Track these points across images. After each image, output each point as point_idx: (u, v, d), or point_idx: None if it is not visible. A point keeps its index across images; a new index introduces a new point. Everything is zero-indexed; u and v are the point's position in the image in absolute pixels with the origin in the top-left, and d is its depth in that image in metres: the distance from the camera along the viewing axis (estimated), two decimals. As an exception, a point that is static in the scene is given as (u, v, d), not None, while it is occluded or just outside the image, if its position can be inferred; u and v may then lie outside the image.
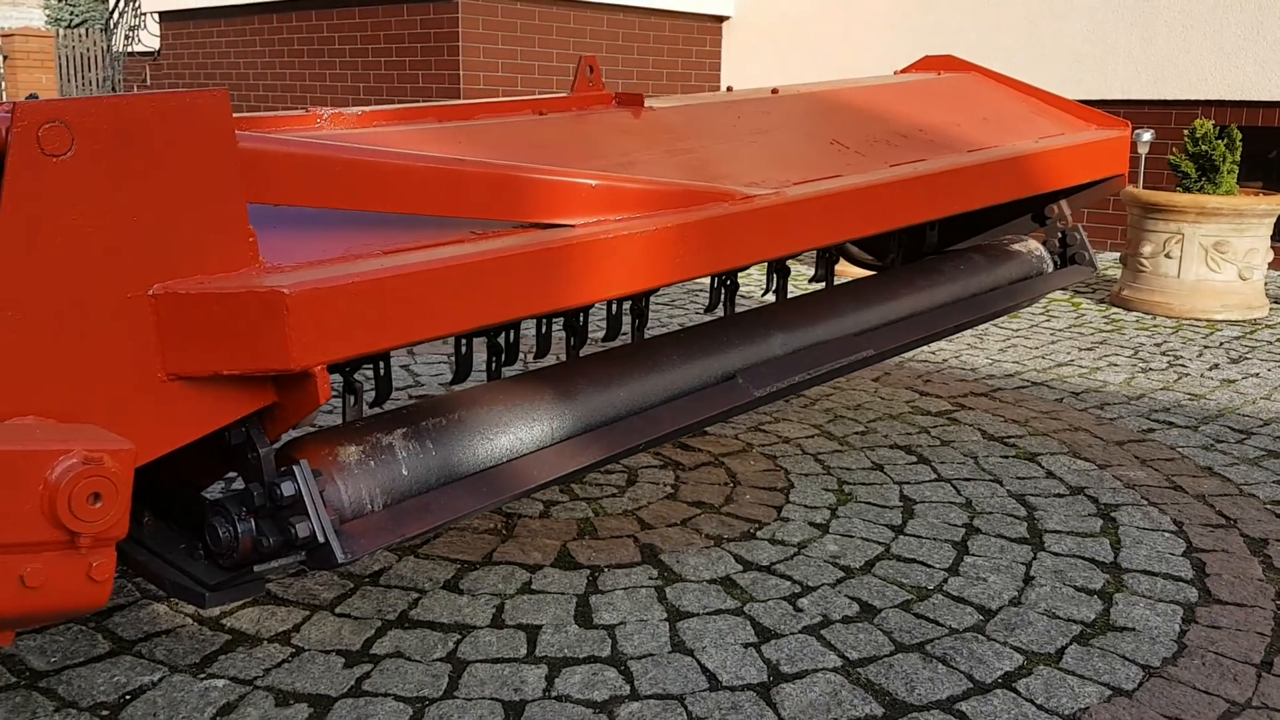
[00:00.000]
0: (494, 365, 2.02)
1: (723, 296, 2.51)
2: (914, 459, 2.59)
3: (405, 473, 1.50)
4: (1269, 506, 2.33)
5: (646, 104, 2.16)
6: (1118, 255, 5.36)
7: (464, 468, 1.57)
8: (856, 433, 2.79)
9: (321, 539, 1.33)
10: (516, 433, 1.65)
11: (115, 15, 12.05)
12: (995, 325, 4.16)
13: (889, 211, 2.04)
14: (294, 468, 1.34)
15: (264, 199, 1.31)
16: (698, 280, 4.49)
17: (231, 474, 1.77)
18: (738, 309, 2.40)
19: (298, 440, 1.47)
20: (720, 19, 8.57)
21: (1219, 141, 4.51)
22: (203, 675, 1.61)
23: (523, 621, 1.78)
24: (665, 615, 1.80)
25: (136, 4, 11.48)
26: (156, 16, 10.13)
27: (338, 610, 1.80)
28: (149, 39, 10.88)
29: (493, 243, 1.44)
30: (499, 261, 1.40)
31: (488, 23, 7.35)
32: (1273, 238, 4.56)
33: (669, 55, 8.44)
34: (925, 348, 3.76)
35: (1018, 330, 4.09)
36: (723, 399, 1.89)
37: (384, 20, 7.80)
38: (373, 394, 1.83)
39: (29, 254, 1.11)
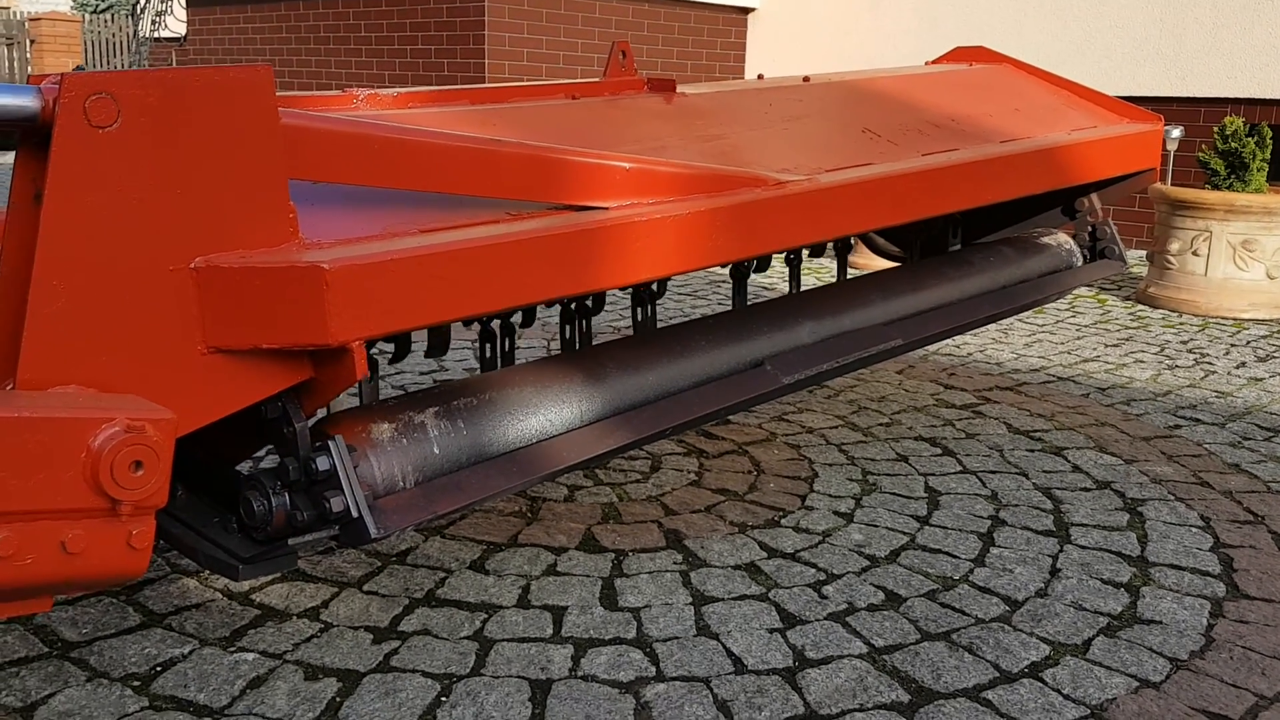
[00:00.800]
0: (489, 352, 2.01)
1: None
2: (939, 451, 2.59)
3: (437, 451, 1.51)
4: (1297, 504, 2.32)
5: (678, 90, 2.16)
6: (1144, 253, 5.33)
7: (494, 448, 1.58)
8: (881, 424, 2.79)
9: (355, 514, 1.34)
10: (546, 414, 1.66)
11: (142, 1, 12.11)
12: (1020, 320, 4.14)
13: (921, 200, 2.03)
14: (329, 443, 1.34)
15: (305, 175, 1.32)
16: (719, 272, 4.48)
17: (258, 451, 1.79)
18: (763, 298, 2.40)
19: (332, 416, 1.48)
20: (746, 10, 8.54)
21: (1249, 139, 4.47)
22: (233, 649, 1.63)
23: (548, 602, 1.78)
24: (690, 599, 1.81)
25: (164, -11, 11.53)
26: (184, 2, 10.19)
27: (365, 588, 1.82)
28: (175, 25, 10.94)
29: (528, 223, 1.45)
30: (534, 242, 1.40)
31: (514, 11, 7.35)
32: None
33: (694, 46, 8.42)
34: (950, 341, 3.75)
35: (1043, 325, 4.08)
36: (750, 385, 1.89)
37: (410, 8, 7.82)
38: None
39: (74, 224, 1.12)
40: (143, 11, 12.07)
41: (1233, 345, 3.86)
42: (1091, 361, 3.54)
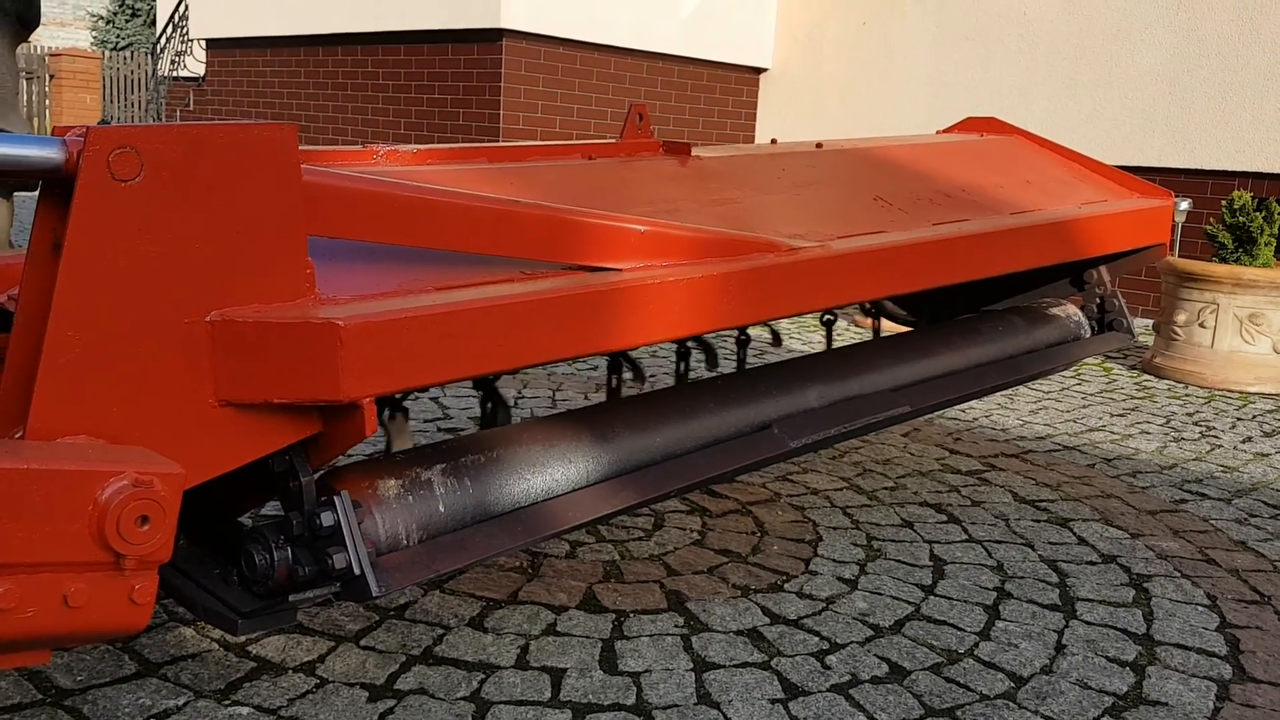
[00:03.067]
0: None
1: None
2: (944, 518, 2.57)
3: (442, 509, 1.50)
4: (1305, 585, 2.29)
5: (693, 153, 2.18)
6: (1150, 323, 5.34)
7: (499, 506, 1.57)
8: (886, 488, 2.78)
9: (358, 571, 1.33)
10: (552, 473, 1.65)
11: (163, 40, 12.29)
12: (1026, 386, 4.14)
13: (932, 269, 2.04)
14: (334, 498, 1.34)
15: (324, 232, 1.32)
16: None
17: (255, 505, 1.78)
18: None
19: (337, 470, 1.47)
20: (759, 71, 8.66)
21: (1257, 214, 4.50)
22: (228, 702, 1.61)
23: (547, 664, 1.76)
24: (691, 665, 1.79)
25: (184, 30, 11.71)
26: (203, 43, 10.34)
27: (363, 643, 1.80)
28: (195, 65, 11.09)
29: (542, 283, 1.46)
30: (548, 302, 1.41)
31: (530, 65, 7.45)
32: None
33: (706, 104, 8.53)
34: (956, 406, 3.74)
35: (1049, 393, 4.07)
36: (757, 448, 1.88)
37: (429, 58, 7.93)
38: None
39: (91, 275, 1.13)
40: (163, 51, 12.25)
41: (1239, 419, 3.85)
42: (1097, 431, 3.53)
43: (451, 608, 1.94)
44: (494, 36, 7.28)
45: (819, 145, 2.49)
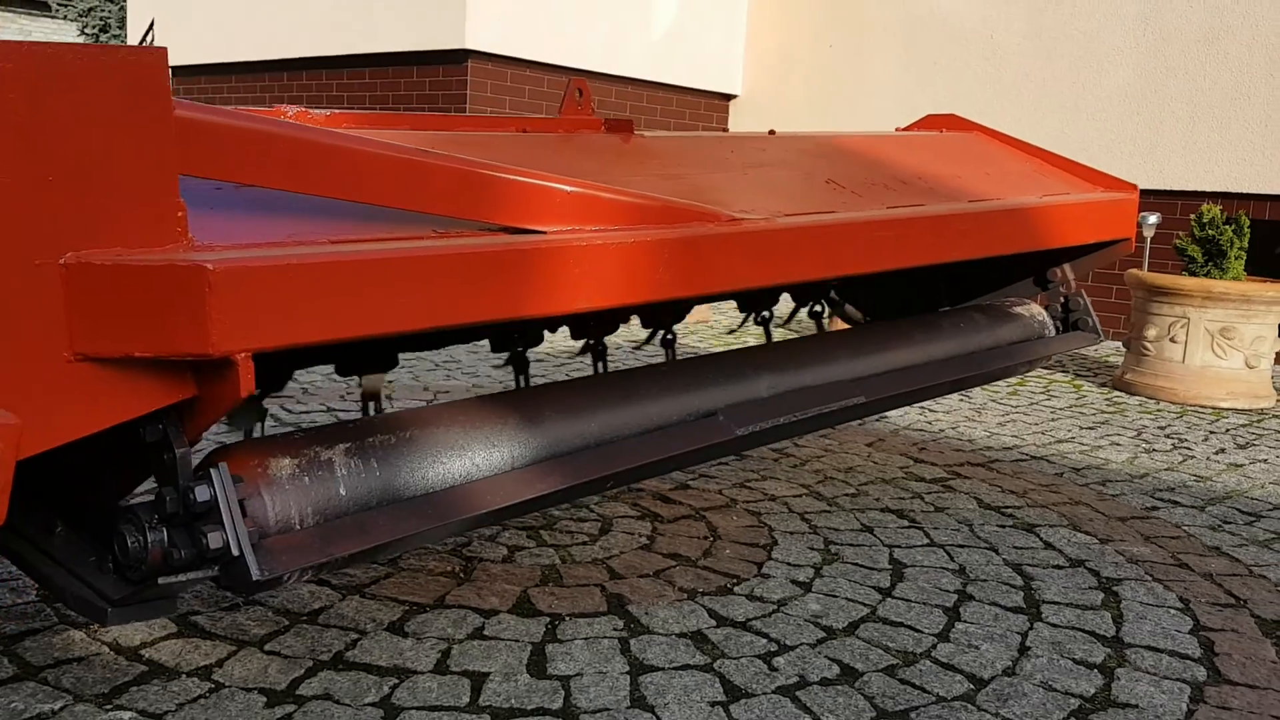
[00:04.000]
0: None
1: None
2: (906, 523, 2.45)
3: (343, 492, 1.37)
4: (1281, 589, 2.18)
5: (637, 132, 2.08)
6: (1120, 343, 5.26)
7: (411, 491, 1.44)
8: (847, 494, 2.65)
9: (236, 551, 1.19)
10: (473, 457, 1.52)
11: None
12: (994, 400, 4.04)
13: (884, 251, 1.93)
14: (211, 471, 1.20)
15: (200, 172, 1.20)
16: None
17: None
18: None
19: (226, 447, 1.34)
20: (728, 97, 8.63)
21: (1226, 227, 4.44)
22: (109, 706, 1.45)
23: (469, 668, 1.62)
24: (627, 668, 1.65)
25: (152, 58, 11.61)
26: (170, 70, 10.23)
27: (267, 647, 1.65)
28: (162, 92, 10.95)
29: (452, 240, 1.33)
30: (455, 259, 1.29)
31: (496, 87, 7.38)
32: (1280, 329, 4.47)
33: (676, 129, 8.47)
34: (921, 416, 3.63)
35: (1017, 406, 3.97)
36: (700, 435, 1.76)
37: (394, 80, 7.85)
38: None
39: (-75, 207, 1.00)
40: (131, 80, 12.11)
41: (1211, 432, 3.76)
42: (1066, 442, 3.42)
43: (370, 612, 1.80)
44: (459, 58, 7.20)
45: (772, 132, 2.39)
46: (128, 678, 1.54)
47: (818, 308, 2.85)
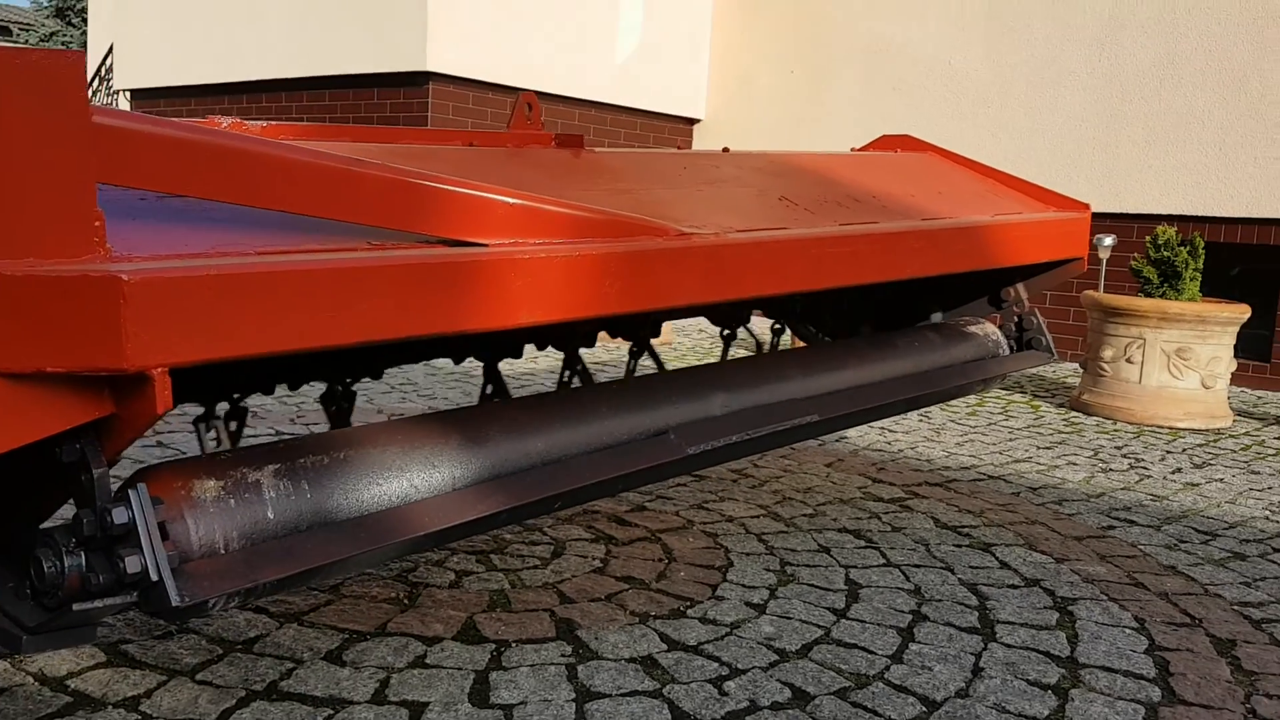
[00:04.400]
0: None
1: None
2: (863, 543, 2.42)
3: (271, 516, 1.32)
4: (1236, 608, 2.17)
5: (588, 148, 2.05)
6: (1078, 364, 5.30)
7: (344, 514, 1.39)
8: (804, 515, 2.62)
9: (155, 577, 1.14)
10: (411, 478, 1.47)
11: (89, 93, 12.05)
12: (952, 421, 4.04)
13: (836, 268, 1.91)
14: (129, 492, 1.15)
15: (121, 181, 1.16)
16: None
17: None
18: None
19: (150, 468, 1.29)
20: (692, 121, 8.65)
21: (1182, 249, 4.49)
22: (26, 742, 1.39)
23: (408, 698, 1.57)
24: (573, 695, 1.61)
25: (109, 82, 11.50)
26: (128, 94, 10.12)
27: (199, 677, 1.59)
28: (120, 114, 10.83)
29: (387, 252, 1.29)
30: (389, 271, 1.24)
31: (458, 109, 7.35)
32: (1236, 350, 4.51)
33: (639, 152, 8.47)
34: (879, 436, 3.62)
35: (975, 427, 3.97)
36: (650, 454, 1.72)
37: (354, 103, 7.80)
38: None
39: None
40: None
41: (1168, 452, 3.77)
42: (1023, 462, 3.42)
43: (307, 640, 1.74)
44: (421, 80, 7.17)
45: (725, 150, 2.37)
46: (51, 709, 1.47)
47: (777, 325, 2.84)
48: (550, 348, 2.22)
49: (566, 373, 2.21)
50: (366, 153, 1.64)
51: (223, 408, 1.87)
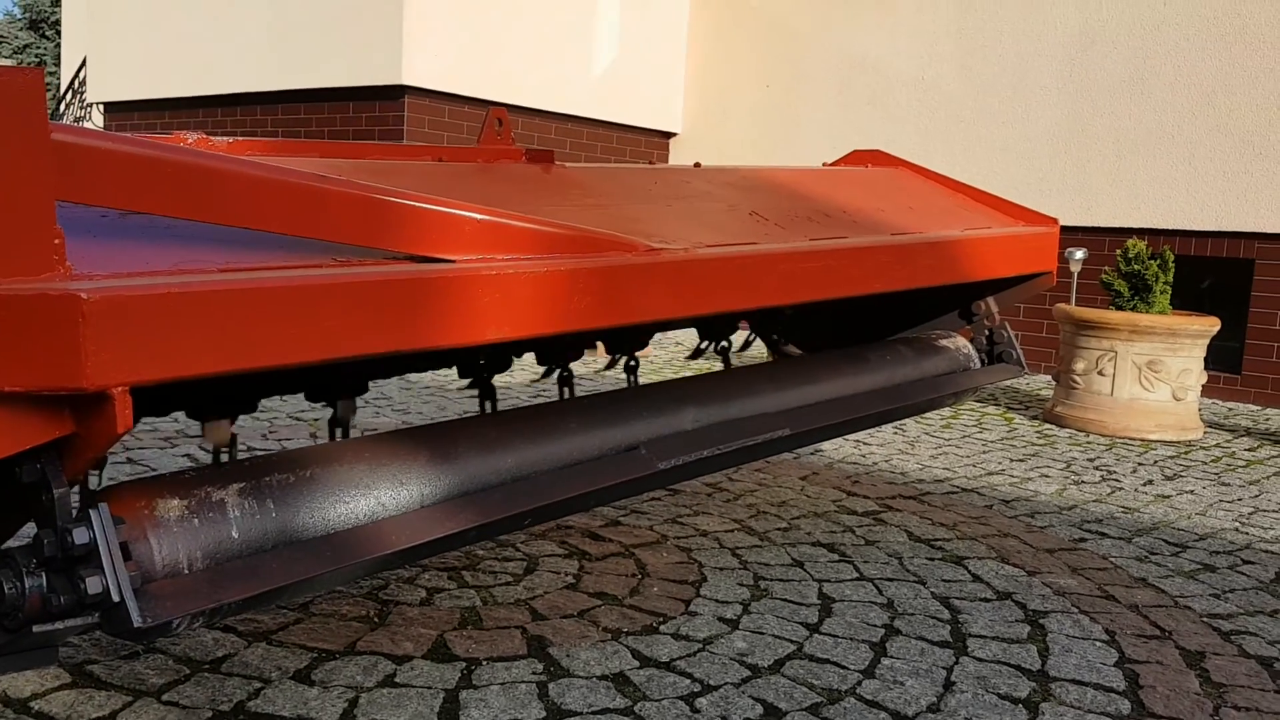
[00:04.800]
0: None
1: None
2: (836, 557, 2.43)
3: (236, 535, 1.30)
4: (1205, 620, 2.19)
5: (558, 163, 2.05)
6: (1051, 376, 5.34)
7: (310, 534, 1.38)
8: (778, 529, 2.62)
9: (117, 597, 1.12)
10: (378, 496, 1.46)
11: (61, 106, 11.98)
12: (927, 433, 4.05)
13: (806, 282, 1.92)
14: (90, 512, 1.14)
15: (81, 199, 1.15)
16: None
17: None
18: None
19: (111, 487, 1.27)
20: (669, 135, 8.68)
21: (1152, 262, 4.53)
22: (-14, 767, 1.37)
23: (376, 718, 1.55)
24: (544, 713, 1.60)
25: (82, 95, 11.42)
26: (102, 107, 10.06)
27: (165, 698, 1.57)
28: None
29: (351, 269, 1.29)
30: (353, 287, 1.24)
31: (434, 122, 7.34)
32: (1206, 363, 4.55)
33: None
34: (854, 449, 3.63)
35: (949, 439, 3.99)
36: (621, 469, 1.72)
37: (329, 116, 7.78)
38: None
39: None
40: (61, 116, 11.91)
41: (1140, 464, 3.80)
42: (996, 475, 3.43)
43: (276, 660, 1.72)
44: (396, 94, 7.17)
45: (696, 165, 2.38)
46: (10, 734, 1.45)
47: (751, 336, 2.84)
48: (523, 359, 2.21)
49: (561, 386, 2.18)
50: (334, 169, 1.64)
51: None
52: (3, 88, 1.06)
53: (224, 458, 1.60)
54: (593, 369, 4.76)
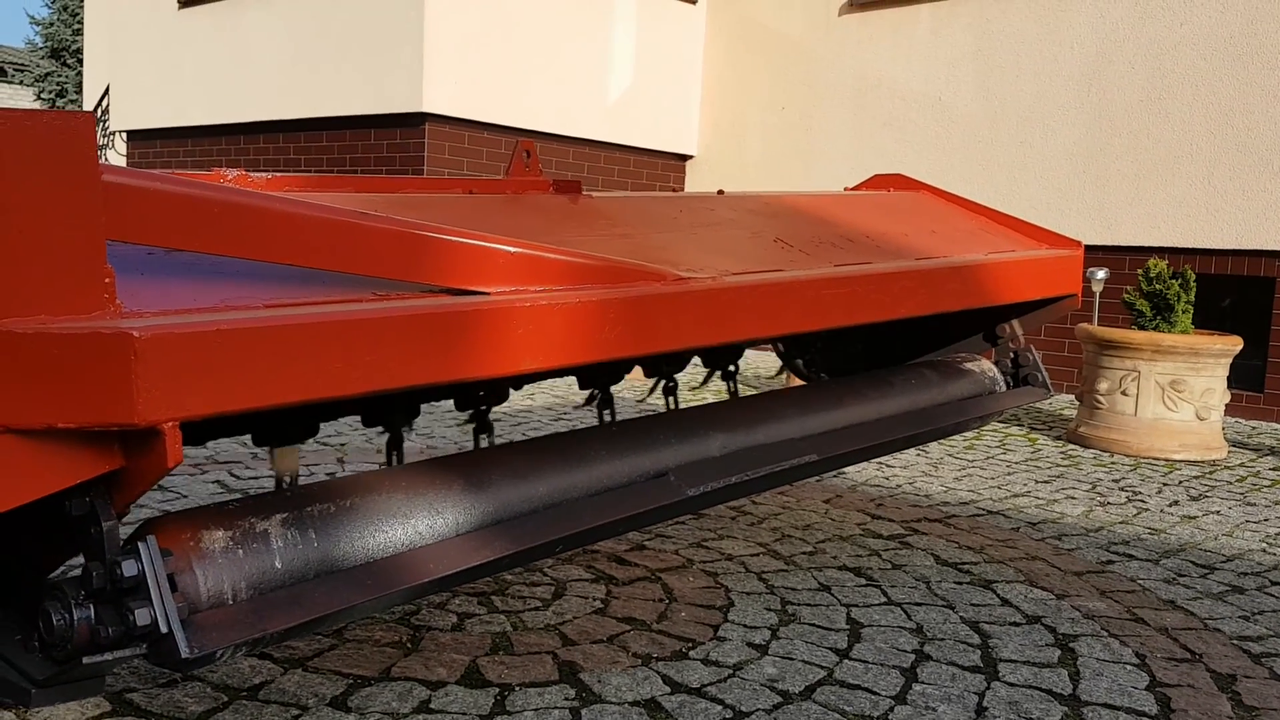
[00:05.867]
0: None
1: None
2: (863, 581, 2.43)
3: (279, 565, 1.33)
4: (1235, 642, 2.18)
5: (585, 193, 2.08)
6: (1074, 396, 5.32)
7: (351, 562, 1.40)
8: (804, 552, 2.63)
9: (165, 629, 1.15)
10: (415, 525, 1.48)
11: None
12: (950, 455, 4.05)
13: (832, 308, 1.94)
14: (139, 545, 1.16)
15: (130, 238, 1.18)
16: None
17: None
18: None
19: (156, 519, 1.30)
20: (685, 158, 8.72)
21: (1173, 281, 4.53)
22: (32, 795, 1.39)
23: (414, 743, 1.57)
24: (577, 740, 1.61)
25: (105, 123, 11.57)
26: (124, 135, 10.19)
27: (204, 725, 1.59)
28: (115, 158, 10.92)
29: (391, 303, 1.31)
30: (395, 321, 1.26)
31: (454, 149, 7.41)
32: (1229, 382, 4.54)
33: (633, 189, 8.54)
34: (877, 472, 3.63)
35: (973, 461, 3.98)
36: (651, 496, 1.74)
37: (351, 143, 7.86)
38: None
39: None
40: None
41: (1165, 484, 3.79)
42: (1022, 496, 3.43)
43: (312, 686, 1.74)
44: (416, 121, 7.24)
45: (720, 192, 2.41)
46: (54, 762, 1.47)
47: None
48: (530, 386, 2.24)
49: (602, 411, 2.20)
50: (370, 203, 1.67)
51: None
52: (56, 131, 1.09)
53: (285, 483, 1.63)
54: (631, 390, 4.78)
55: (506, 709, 1.70)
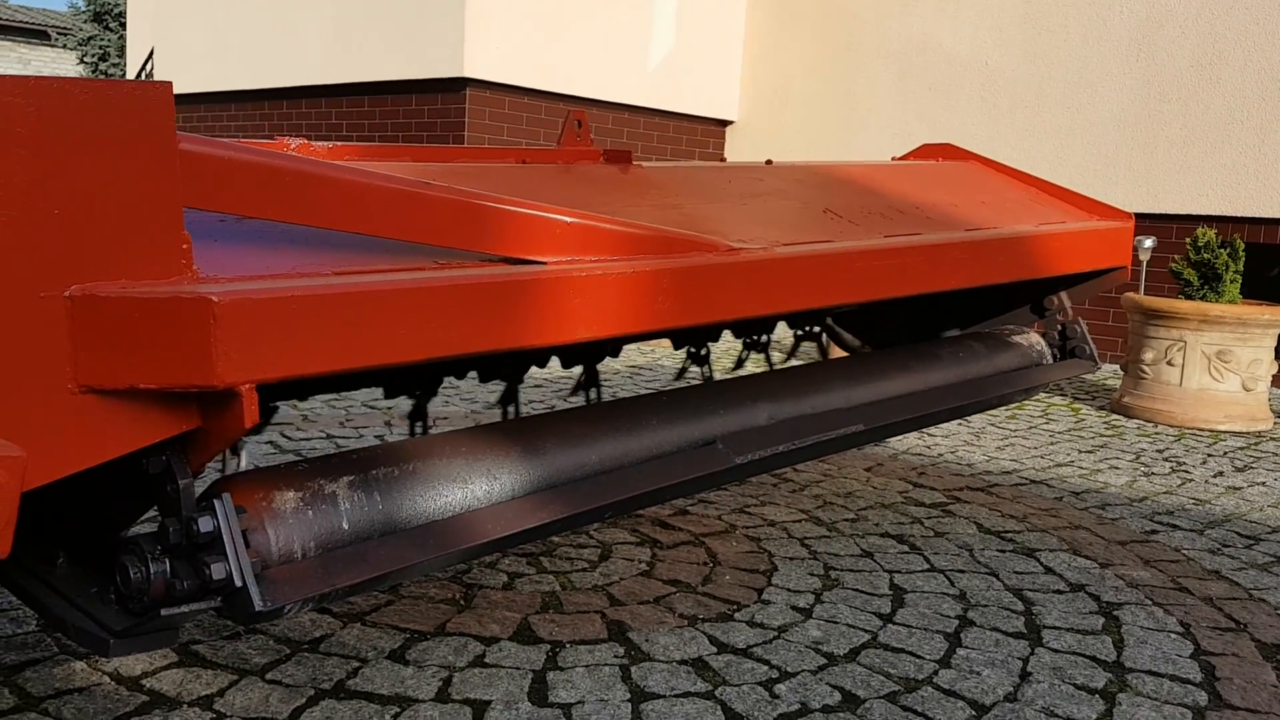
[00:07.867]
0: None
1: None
2: (906, 548, 2.45)
3: (346, 526, 1.37)
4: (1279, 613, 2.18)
5: (635, 163, 2.09)
6: (1118, 366, 5.28)
7: (412, 523, 1.44)
8: (846, 519, 2.66)
9: (239, 583, 1.20)
10: (474, 489, 1.52)
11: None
12: (993, 424, 4.05)
13: (882, 279, 1.95)
14: (215, 502, 1.21)
15: (205, 205, 1.21)
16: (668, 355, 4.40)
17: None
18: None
19: (230, 478, 1.34)
20: (725, 123, 8.68)
21: (1221, 251, 4.47)
22: (109, 739, 1.46)
23: (470, 696, 1.62)
24: (628, 695, 1.65)
25: (153, 87, 11.66)
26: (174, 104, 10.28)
27: (268, 676, 1.65)
28: (162, 120, 11.00)
29: (453, 271, 1.34)
30: (457, 289, 1.30)
31: (494, 114, 7.43)
32: (1277, 353, 4.48)
33: (673, 156, 8.52)
34: (920, 441, 3.64)
35: (1015, 430, 3.98)
36: (699, 463, 1.77)
37: (393, 109, 7.90)
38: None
39: (-67, 242, 1.01)
40: (131, 108, 12.17)
41: (1210, 455, 3.76)
42: (1065, 466, 3.43)
43: (371, 640, 1.80)
44: (458, 86, 7.25)
45: (769, 162, 2.41)
46: (129, 708, 1.54)
47: (816, 329, 2.88)
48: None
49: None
50: (427, 172, 1.70)
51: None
52: (135, 102, 1.13)
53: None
54: (671, 359, 4.81)
55: (559, 664, 1.75)
